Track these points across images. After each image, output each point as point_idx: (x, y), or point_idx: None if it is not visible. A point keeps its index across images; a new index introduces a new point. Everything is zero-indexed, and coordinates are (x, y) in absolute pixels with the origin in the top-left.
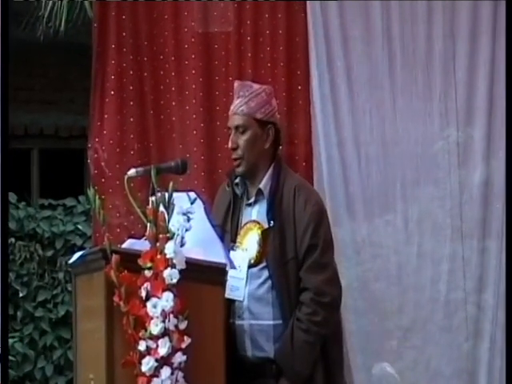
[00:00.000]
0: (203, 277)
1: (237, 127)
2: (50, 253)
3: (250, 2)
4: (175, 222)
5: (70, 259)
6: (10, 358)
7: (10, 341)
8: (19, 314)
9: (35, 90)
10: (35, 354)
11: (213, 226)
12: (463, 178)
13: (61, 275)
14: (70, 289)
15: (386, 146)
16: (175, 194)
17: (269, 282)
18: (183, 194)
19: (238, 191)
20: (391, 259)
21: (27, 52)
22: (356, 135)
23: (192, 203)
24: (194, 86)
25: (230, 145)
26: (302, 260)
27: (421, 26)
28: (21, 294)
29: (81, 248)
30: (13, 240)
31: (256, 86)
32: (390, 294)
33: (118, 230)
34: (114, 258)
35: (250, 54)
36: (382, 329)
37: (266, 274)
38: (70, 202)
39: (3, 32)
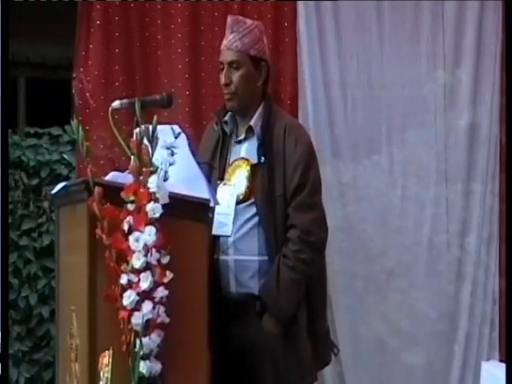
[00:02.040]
0: (186, 212)
1: (230, 63)
2: (35, 181)
3: None
4: (159, 156)
5: (54, 189)
6: None
7: None
8: None
9: (24, 20)
10: (19, 283)
11: (197, 162)
12: (450, 122)
13: (46, 204)
14: (54, 218)
15: (372, 89)
16: (159, 127)
17: (256, 218)
18: (167, 128)
19: (227, 129)
20: (376, 202)
21: None
22: (343, 77)
23: (176, 137)
24: (179, 20)
25: (222, 81)
26: (290, 198)
27: None
28: None
29: (66, 178)
30: None
31: (249, 22)
32: (375, 236)
33: (102, 162)
34: (97, 190)
35: None
36: (366, 270)
37: (253, 210)
38: (56, 130)
39: (3, 32)
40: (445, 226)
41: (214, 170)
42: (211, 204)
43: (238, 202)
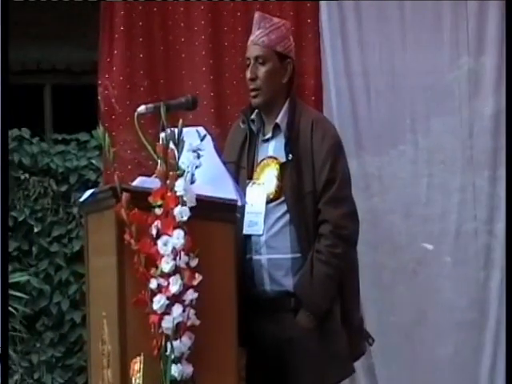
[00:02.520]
0: (214, 214)
1: (256, 58)
2: (64, 188)
3: None
4: (185, 159)
5: (83, 195)
6: (25, 295)
7: (25, 277)
8: (34, 249)
9: (46, 24)
10: (51, 289)
11: (223, 162)
12: (475, 109)
13: (75, 210)
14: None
15: (395, 79)
16: (185, 130)
17: (287, 216)
18: (193, 130)
19: (254, 127)
20: (402, 192)
21: None
22: (365, 69)
23: (202, 140)
24: (202, 22)
25: (248, 75)
26: (320, 194)
27: None
28: (35, 230)
29: (95, 183)
30: (27, 175)
31: (276, 20)
32: (402, 227)
33: (130, 167)
34: (124, 196)
35: None
36: (393, 261)
37: (283, 208)
38: (83, 136)
39: (3, 32)
40: (472, 213)
41: (242, 169)
42: (239, 203)
43: (269, 201)
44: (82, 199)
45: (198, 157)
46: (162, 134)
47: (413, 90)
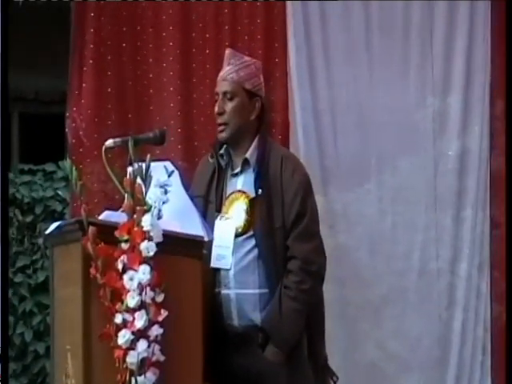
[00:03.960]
0: (180, 249)
1: (225, 93)
2: (29, 218)
3: None
4: (152, 195)
5: (49, 226)
6: None
7: None
8: None
9: (14, 51)
10: (14, 320)
11: (190, 197)
12: (440, 149)
13: (40, 241)
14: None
15: (362, 117)
16: (152, 165)
17: (255, 251)
18: (160, 165)
19: (223, 162)
20: (368, 229)
21: None
22: (333, 107)
23: (169, 175)
24: (171, 58)
25: (216, 109)
26: (289, 229)
27: None
28: None
29: (61, 214)
30: None
31: (247, 58)
32: (367, 264)
33: (96, 200)
34: (91, 229)
35: (227, 27)
36: (359, 298)
37: (252, 242)
38: (49, 167)
39: (3, 32)
40: (436, 253)
41: (210, 203)
42: (206, 239)
43: (237, 235)
44: (48, 231)
45: (166, 192)
46: (130, 169)
47: (379, 128)
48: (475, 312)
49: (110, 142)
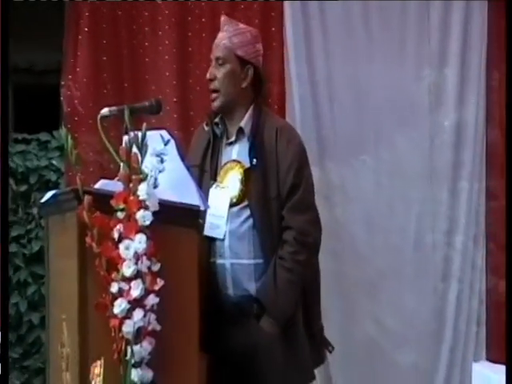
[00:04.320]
0: (177, 219)
1: (217, 59)
2: (23, 188)
3: None
4: (148, 164)
5: (43, 195)
6: None
7: None
8: None
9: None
10: (9, 290)
11: (186, 166)
12: (436, 121)
13: (35, 210)
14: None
15: (359, 90)
16: (148, 134)
17: (250, 221)
18: (156, 134)
19: (218, 131)
20: (364, 202)
21: None
22: (329, 78)
23: (165, 144)
24: (167, 27)
25: (207, 75)
26: (284, 199)
27: None
28: None
29: (55, 183)
30: None
31: (242, 26)
32: (364, 237)
33: (92, 169)
34: (86, 198)
35: None
36: (355, 271)
37: (247, 212)
38: (44, 136)
39: (3, 33)
40: (432, 225)
41: (205, 172)
42: (202, 209)
43: (232, 205)
44: (43, 200)
45: (162, 161)
46: (126, 138)
47: (376, 100)
48: (470, 284)
49: (105, 111)
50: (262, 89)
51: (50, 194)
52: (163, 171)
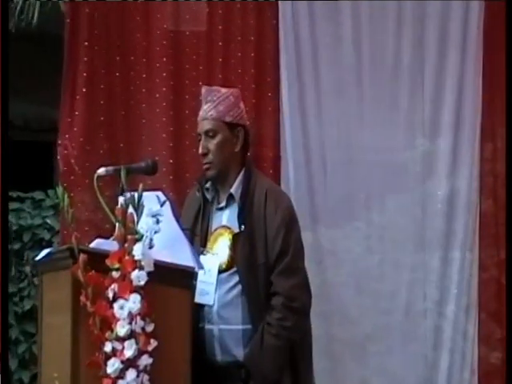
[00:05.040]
0: (171, 280)
1: (207, 132)
2: (17, 246)
3: (222, 6)
4: (144, 224)
5: (37, 254)
6: None
7: None
8: None
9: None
10: None
11: (181, 228)
12: (429, 189)
13: (27, 269)
14: (36, 283)
15: (352, 155)
16: (144, 194)
17: (239, 287)
18: (152, 195)
19: (209, 196)
20: (355, 267)
21: None
22: (323, 144)
23: (161, 205)
24: (164, 89)
25: (200, 150)
26: (272, 265)
27: (390, 38)
28: None
29: (48, 242)
30: None
31: (223, 90)
32: (354, 301)
33: (87, 229)
34: (82, 257)
35: (220, 59)
36: (345, 334)
37: (236, 278)
38: (38, 195)
39: (3, 33)
40: (423, 293)
41: (196, 236)
42: (196, 270)
43: (221, 271)
44: (38, 258)
45: (157, 222)
46: (121, 198)
47: (368, 166)
48: (462, 355)
49: (102, 170)
50: (250, 147)
51: (45, 251)
52: (159, 232)
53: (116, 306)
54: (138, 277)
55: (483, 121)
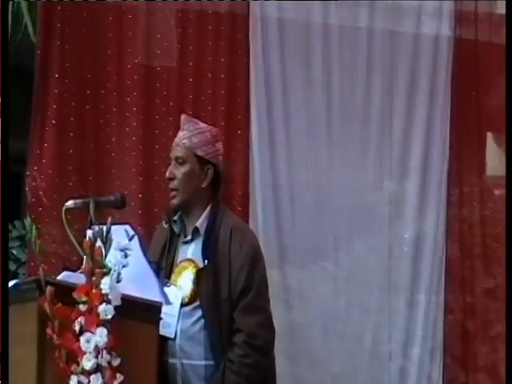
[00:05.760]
0: (138, 314)
1: (176, 158)
2: None
3: (194, 43)
4: (112, 258)
5: None
6: None
7: None
8: None
9: None
10: None
11: (149, 262)
12: (396, 232)
13: None
14: None
15: (320, 196)
16: (113, 228)
17: (201, 322)
18: (121, 229)
19: (176, 228)
20: (321, 308)
21: None
22: (292, 184)
23: (130, 239)
24: (134, 124)
25: (167, 174)
26: (235, 301)
27: (360, 81)
28: None
29: (14, 273)
30: None
31: (202, 125)
32: (320, 342)
33: (54, 261)
34: (49, 289)
35: (191, 96)
36: (311, 375)
37: (199, 313)
38: None
39: (3, 34)
40: (388, 336)
41: (162, 269)
42: (163, 305)
43: (184, 305)
44: None
45: (126, 256)
46: (89, 231)
47: (337, 207)
48: None
49: (70, 203)
50: (221, 187)
51: (11, 283)
52: (127, 266)
53: (82, 339)
54: (105, 310)
55: (450, 165)
